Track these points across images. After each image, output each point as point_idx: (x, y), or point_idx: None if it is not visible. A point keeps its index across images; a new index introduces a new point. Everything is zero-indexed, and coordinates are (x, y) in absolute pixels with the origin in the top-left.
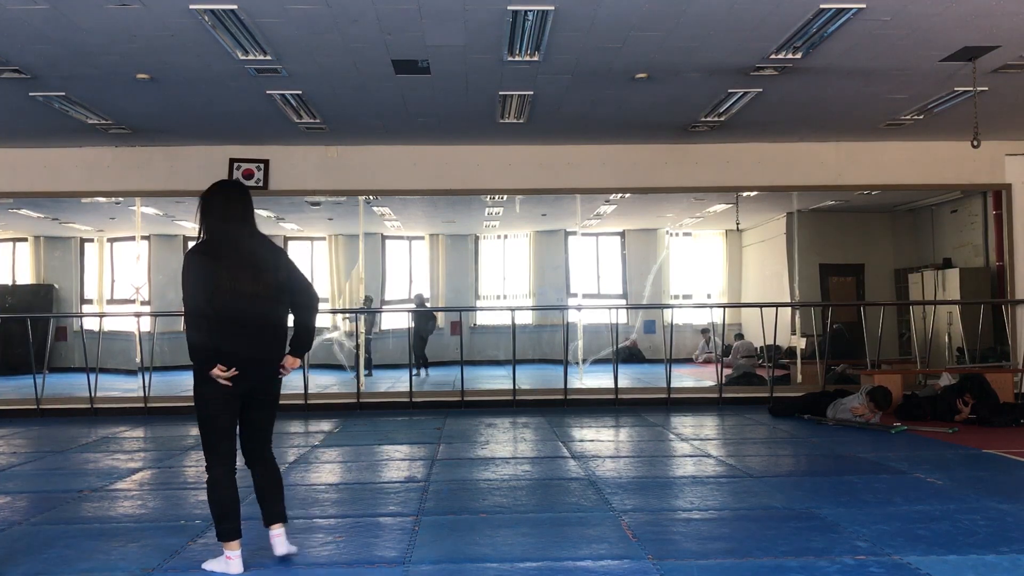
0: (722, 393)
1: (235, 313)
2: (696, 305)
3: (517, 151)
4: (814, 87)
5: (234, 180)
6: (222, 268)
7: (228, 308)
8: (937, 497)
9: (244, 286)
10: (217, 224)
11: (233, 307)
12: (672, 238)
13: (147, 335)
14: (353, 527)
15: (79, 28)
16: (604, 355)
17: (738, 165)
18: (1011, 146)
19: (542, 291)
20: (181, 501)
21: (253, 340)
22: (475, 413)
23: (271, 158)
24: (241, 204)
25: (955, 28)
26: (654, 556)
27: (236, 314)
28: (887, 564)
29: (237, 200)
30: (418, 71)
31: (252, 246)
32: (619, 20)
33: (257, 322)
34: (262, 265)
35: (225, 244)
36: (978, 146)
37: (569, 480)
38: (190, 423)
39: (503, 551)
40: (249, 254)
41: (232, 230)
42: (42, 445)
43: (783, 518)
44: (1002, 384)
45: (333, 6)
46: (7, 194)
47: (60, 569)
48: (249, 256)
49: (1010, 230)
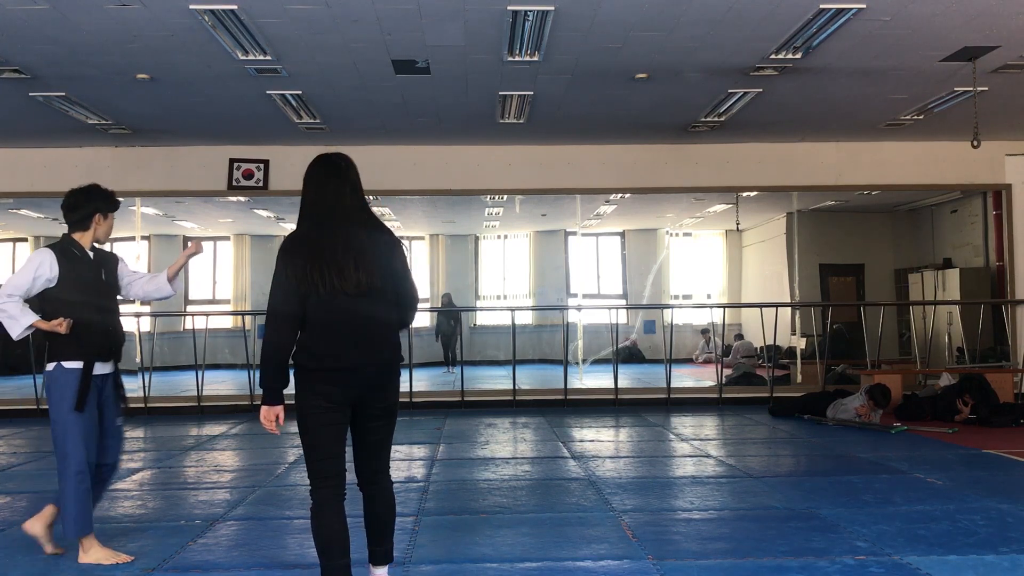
0: (722, 393)
1: (336, 304)
2: (696, 305)
3: (517, 151)
4: (814, 87)
5: (337, 152)
6: (313, 259)
7: (329, 296)
8: (937, 497)
9: (343, 279)
10: (315, 197)
11: (333, 297)
12: (672, 238)
13: (147, 335)
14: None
15: (79, 28)
16: (604, 355)
17: (738, 165)
18: (1011, 146)
19: (542, 291)
20: (181, 501)
21: (354, 342)
22: (475, 413)
23: (271, 158)
24: (341, 175)
25: (955, 28)
26: (654, 556)
27: (337, 305)
28: (887, 564)
29: (333, 169)
30: (418, 71)
31: (360, 225)
32: (619, 20)
33: (359, 317)
34: (367, 255)
35: (320, 220)
36: (978, 146)
37: (569, 480)
38: (190, 423)
39: (503, 551)
40: (349, 240)
41: (328, 205)
42: (42, 445)
43: (783, 518)
44: (1002, 384)
45: (333, 6)
46: (7, 194)
47: (60, 569)
48: (350, 243)
49: (1010, 230)
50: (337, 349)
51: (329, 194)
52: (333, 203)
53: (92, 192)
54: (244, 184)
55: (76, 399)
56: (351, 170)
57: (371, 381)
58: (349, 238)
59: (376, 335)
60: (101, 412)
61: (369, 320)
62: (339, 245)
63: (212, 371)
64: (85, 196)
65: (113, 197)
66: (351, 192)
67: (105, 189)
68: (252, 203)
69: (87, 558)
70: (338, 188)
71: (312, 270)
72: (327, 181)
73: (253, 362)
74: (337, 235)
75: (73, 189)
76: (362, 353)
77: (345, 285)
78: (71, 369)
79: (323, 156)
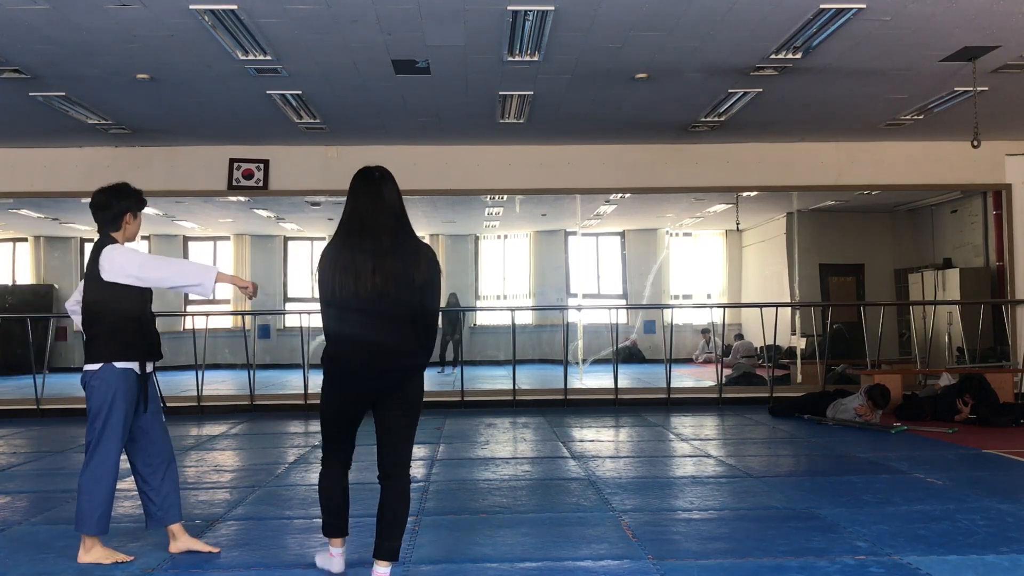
0: (722, 393)
1: (355, 309)
2: (696, 305)
3: (517, 151)
4: (814, 87)
5: (378, 166)
6: (335, 264)
7: (350, 302)
8: (937, 497)
9: (365, 281)
10: (351, 209)
11: (354, 303)
12: (672, 238)
13: None
14: (354, 527)
15: (79, 28)
16: (604, 355)
17: (738, 165)
18: (1011, 146)
19: (542, 291)
20: (181, 501)
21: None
22: (475, 413)
23: (271, 158)
24: (375, 188)
25: (955, 28)
26: (654, 556)
27: (356, 310)
28: (887, 564)
29: (369, 184)
30: (418, 71)
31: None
32: (619, 20)
33: (377, 321)
34: (387, 262)
35: (351, 232)
36: (978, 146)
37: (569, 480)
38: (190, 423)
39: (503, 551)
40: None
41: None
42: (42, 445)
43: (783, 518)
44: (1002, 384)
45: (333, 6)
46: (7, 194)
47: (60, 569)
48: (379, 247)
49: (1010, 230)
50: (349, 352)
51: (360, 204)
52: (363, 212)
53: (122, 191)
54: (244, 184)
55: (137, 400)
56: (384, 181)
57: (382, 383)
58: (373, 246)
59: (388, 341)
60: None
61: (382, 326)
62: (359, 252)
63: (212, 371)
64: (116, 195)
65: (141, 196)
66: (381, 201)
67: (134, 188)
68: (252, 203)
69: (87, 557)
70: (368, 198)
71: (334, 274)
72: (360, 191)
73: (253, 362)
74: (362, 243)
75: (102, 187)
76: (373, 357)
77: (361, 290)
78: (123, 369)
79: (362, 168)
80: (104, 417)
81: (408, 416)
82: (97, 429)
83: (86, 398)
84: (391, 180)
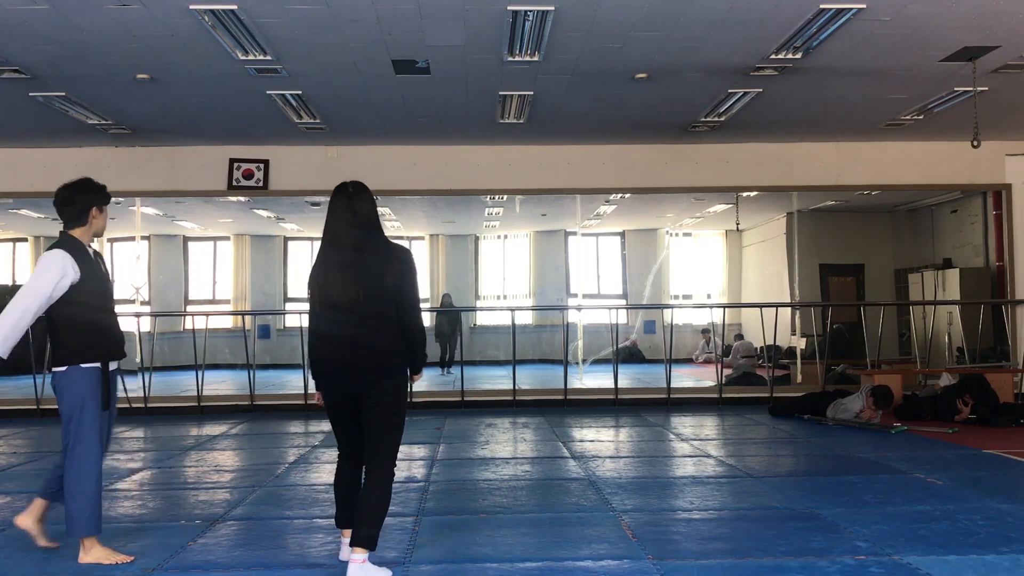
0: (722, 393)
1: (327, 315)
2: (696, 305)
3: (517, 151)
4: (814, 87)
5: (354, 181)
6: (314, 276)
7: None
8: (937, 497)
9: (336, 289)
10: (327, 223)
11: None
12: (672, 238)
13: (147, 335)
14: None
15: (79, 28)
16: (604, 355)
17: (738, 165)
18: (1011, 146)
19: (542, 291)
20: (181, 501)
21: (337, 349)
22: (475, 413)
23: (271, 158)
24: (345, 203)
25: (955, 28)
26: (654, 556)
27: (328, 316)
28: (887, 564)
29: (341, 199)
30: (418, 71)
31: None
32: (619, 20)
33: (346, 326)
34: (354, 272)
35: (326, 244)
36: (978, 146)
37: (569, 480)
38: (190, 423)
39: (503, 551)
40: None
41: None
42: (42, 445)
43: (783, 518)
44: (1002, 384)
45: (333, 6)
46: (7, 194)
47: (60, 569)
48: (347, 258)
49: (1010, 230)
50: (325, 354)
51: (334, 218)
52: (336, 226)
53: (85, 185)
54: (244, 184)
55: (101, 398)
56: (358, 195)
57: (355, 382)
58: (343, 257)
59: (359, 344)
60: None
61: (352, 330)
62: (331, 265)
63: (212, 371)
64: (79, 190)
65: (105, 190)
66: (354, 215)
67: (97, 182)
68: (252, 203)
69: (87, 557)
70: (342, 212)
71: (314, 286)
72: (334, 206)
73: (253, 362)
74: (334, 255)
75: (64, 184)
76: (343, 359)
77: (335, 299)
78: (89, 369)
79: (339, 184)
80: (78, 418)
81: (383, 416)
82: (72, 431)
83: (57, 401)
84: (364, 193)
